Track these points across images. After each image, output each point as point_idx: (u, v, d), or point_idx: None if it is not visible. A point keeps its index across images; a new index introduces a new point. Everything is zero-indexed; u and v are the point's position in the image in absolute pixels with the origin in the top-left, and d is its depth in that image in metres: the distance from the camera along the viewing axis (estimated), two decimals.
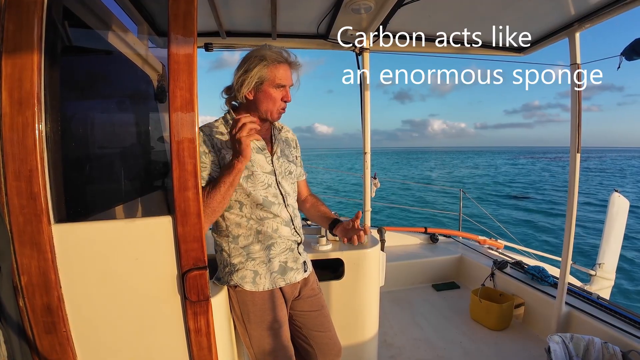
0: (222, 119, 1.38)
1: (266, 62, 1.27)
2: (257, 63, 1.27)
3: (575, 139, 2.10)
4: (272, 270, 1.35)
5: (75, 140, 1.31)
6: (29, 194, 0.94)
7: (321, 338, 1.49)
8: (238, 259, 1.33)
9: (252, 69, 1.26)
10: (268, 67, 1.27)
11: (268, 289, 1.34)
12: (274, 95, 1.30)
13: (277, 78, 1.28)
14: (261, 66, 1.26)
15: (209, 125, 1.33)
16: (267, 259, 1.35)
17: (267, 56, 1.27)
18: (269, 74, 1.27)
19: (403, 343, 2.49)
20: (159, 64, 1.92)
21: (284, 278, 1.38)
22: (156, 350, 1.11)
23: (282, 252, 1.38)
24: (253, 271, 1.33)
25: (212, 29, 2.27)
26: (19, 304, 0.98)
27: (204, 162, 1.26)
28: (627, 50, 1.91)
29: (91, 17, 1.37)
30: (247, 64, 1.28)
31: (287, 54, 1.32)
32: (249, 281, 1.32)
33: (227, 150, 1.30)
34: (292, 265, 1.41)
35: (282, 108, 1.35)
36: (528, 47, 2.56)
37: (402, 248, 3.78)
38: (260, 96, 1.30)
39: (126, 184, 1.69)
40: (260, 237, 1.34)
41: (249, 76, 1.26)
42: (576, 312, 2.27)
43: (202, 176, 1.24)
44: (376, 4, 1.92)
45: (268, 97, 1.30)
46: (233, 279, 1.32)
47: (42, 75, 0.94)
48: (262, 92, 1.30)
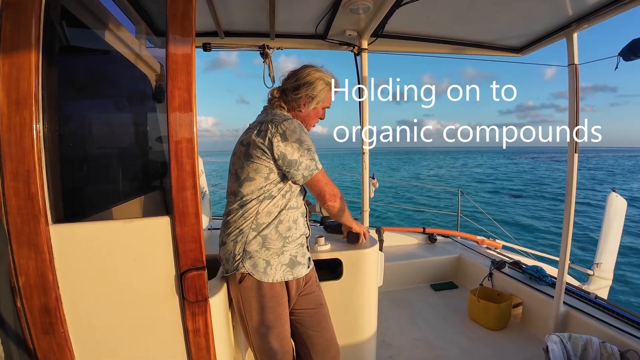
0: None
1: (329, 87, 1.49)
2: (323, 87, 1.47)
3: (573, 140, 2.10)
4: (283, 262, 1.36)
5: (73, 140, 1.30)
6: (26, 195, 0.94)
7: (317, 338, 1.49)
8: (252, 247, 1.32)
9: (319, 91, 1.46)
10: (329, 92, 1.49)
11: (277, 280, 1.35)
12: (320, 114, 1.53)
13: (328, 102, 1.53)
14: (326, 91, 1.48)
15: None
16: (281, 251, 1.36)
17: (331, 83, 1.49)
18: (326, 97, 1.50)
19: (401, 343, 2.49)
20: (157, 64, 1.92)
21: (292, 272, 1.39)
22: (154, 351, 1.11)
23: (295, 247, 1.41)
24: (265, 261, 1.33)
25: (210, 29, 2.27)
26: (16, 305, 0.98)
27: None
28: (625, 51, 1.92)
29: (89, 17, 1.37)
30: (316, 83, 1.45)
31: (337, 82, 1.53)
32: (260, 270, 1.32)
33: None
34: (301, 260, 1.43)
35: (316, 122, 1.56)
36: (525, 47, 2.57)
37: (400, 248, 3.78)
38: (311, 113, 1.50)
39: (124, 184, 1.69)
40: (280, 228, 1.36)
41: (315, 97, 1.46)
42: (574, 311, 2.28)
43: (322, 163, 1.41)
44: (374, 5, 1.92)
45: (316, 115, 1.52)
46: (244, 266, 1.31)
47: (39, 75, 0.94)
48: (314, 110, 1.50)
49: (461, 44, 2.59)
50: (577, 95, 2.09)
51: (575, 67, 2.08)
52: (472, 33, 2.46)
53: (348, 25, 2.28)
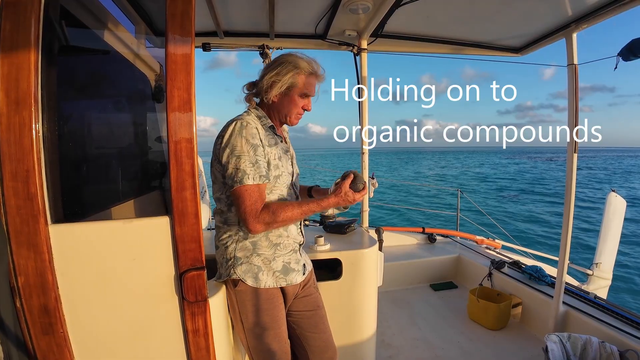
0: (253, 114, 1.36)
1: (299, 70, 1.33)
2: (290, 70, 1.32)
3: (572, 139, 2.10)
4: (276, 269, 1.35)
5: (73, 140, 1.30)
6: (25, 195, 0.94)
7: (314, 340, 1.48)
8: (243, 252, 1.31)
9: (285, 75, 1.32)
10: (300, 75, 1.33)
11: (270, 286, 1.34)
12: (298, 103, 1.37)
13: (305, 88, 1.35)
14: (294, 73, 1.32)
15: (252, 118, 1.32)
16: (272, 257, 1.34)
17: (301, 65, 1.33)
18: (299, 82, 1.34)
19: (401, 343, 2.49)
20: (157, 64, 1.91)
21: (285, 278, 1.37)
22: (154, 351, 1.11)
23: (287, 253, 1.38)
24: (257, 266, 1.32)
25: (210, 29, 2.27)
26: (16, 305, 0.98)
27: (260, 155, 1.25)
28: (624, 51, 1.92)
29: (88, 16, 1.37)
30: (281, 68, 1.32)
31: (317, 66, 1.38)
32: (251, 276, 1.31)
33: (266, 147, 1.29)
34: (295, 266, 1.40)
35: (300, 114, 1.41)
36: (525, 47, 2.57)
37: (400, 248, 3.78)
38: (285, 101, 1.36)
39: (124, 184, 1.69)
40: (270, 236, 1.34)
41: (281, 81, 1.32)
42: (573, 311, 2.28)
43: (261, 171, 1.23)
44: (374, 5, 1.92)
45: (292, 103, 1.36)
46: (236, 272, 1.30)
47: (39, 75, 0.94)
48: (288, 98, 1.36)
49: (461, 44, 2.59)
50: (576, 95, 2.10)
51: (575, 67, 2.08)
52: (471, 33, 2.47)
53: (347, 25, 2.28)
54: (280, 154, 1.36)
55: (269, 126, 1.36)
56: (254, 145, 1.23)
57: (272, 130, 1.37)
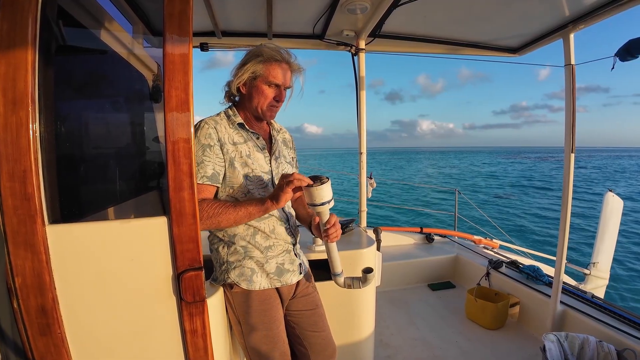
0: (223, 114, 1.37)
1: (261, 58, 1.29)
2: (252, 58, 1.30)
3: (569, 139, 2.11)
4: (269, 271, 1.35)
5: (70, 140, 1.30)
6: (22, 195, 0.93)
7: (314, 338, 1.48)
8: (235, 257, 1.32)
9: (247, 63, 1.29)
10: (263, 63, 1.29)
11: (265, 288, 1.34)
12: (266, 92, 1.31)
13: (270, 75, 1.30)
14: (256, 61, 1.29)
15: (213, 119, 1.32)
16: (265, 259, 1.34)
17: (263, 52, 1.30)
18: (263, 70, 1.29)
19: (399, 343, 2.50)
20: (154, 64, 1.91)
21: (280, 280, 1.37)
22: (152, 351, 1.10)
23: (279, 254, 1.38)
24: (250, 269, 1.32)
25: (208, 29, 2.27)
26: (13, 306, 0.97)
27: (209, 155, 1.24)
28: (621, 51, 1.93)
29: (86, 16, 1.36)
30: (245, 58, 1.32)
31: (286, 53, 1.34)
32: (245, 279, 1.31)
33: (229, 145, 1.29)
34: (289, 267, 1.40)
35: (273, 106, 1.35)
36: (522, 47, 2.58)
37: (397, 248, 3.79)
38: (252, 91, 1.33)
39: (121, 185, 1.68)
40: (258, 237, 1.34)
41: (243, 70, 1.29)
42: (571, 310, 2.29)
43: (206, 171, 1.23)
44: (372, 5, 1.93)
45: (259, 93, 1.31)
46: (230, 277, 1.31)
47: (36, 75, 0.93)
48: (255, 88, 1.32)
49: (458, 44, 2.60)
50: (573, 96, 2.10)
51: (572, 67, 2.09)
52: (469, 33, 2.47)
53: (345, 25, 2.28)
54: (251, 150, 1.34)
55: (237, 123, 1.34)
56: (204, 146, 1.24)
57: (241, 127, 1.35)
